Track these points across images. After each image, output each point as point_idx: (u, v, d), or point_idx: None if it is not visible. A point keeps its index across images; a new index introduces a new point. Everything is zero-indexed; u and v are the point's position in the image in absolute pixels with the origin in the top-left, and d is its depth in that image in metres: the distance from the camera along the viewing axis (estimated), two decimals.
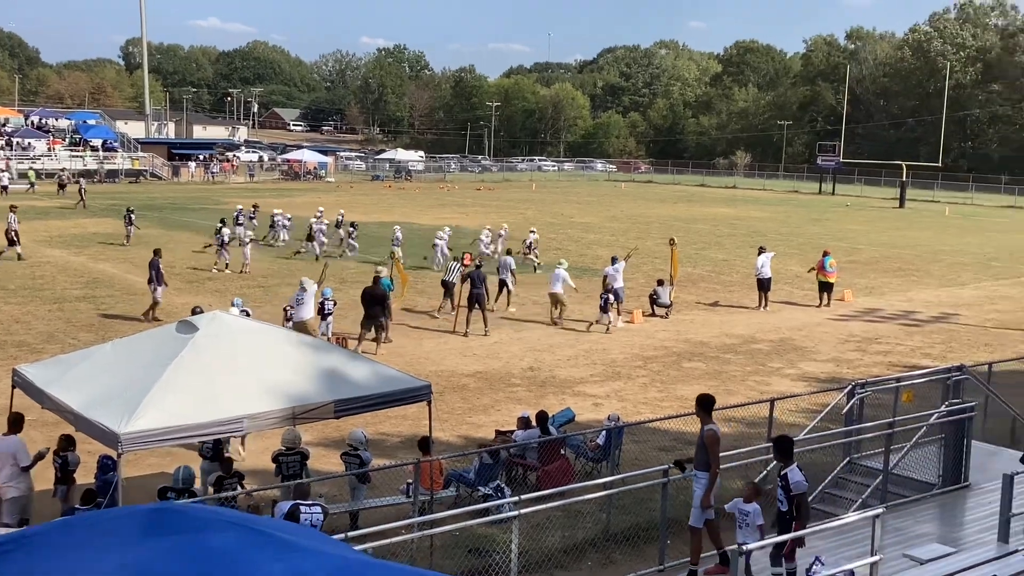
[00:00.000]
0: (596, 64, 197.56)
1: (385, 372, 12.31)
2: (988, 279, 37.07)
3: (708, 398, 10.91)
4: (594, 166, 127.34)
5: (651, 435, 15.69)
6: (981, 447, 13.75)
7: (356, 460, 12.64)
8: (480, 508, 11.15)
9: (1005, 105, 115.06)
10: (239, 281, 30.48)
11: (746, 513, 9.97)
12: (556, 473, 13.51)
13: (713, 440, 10.39)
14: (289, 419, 10.95)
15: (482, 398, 18.65)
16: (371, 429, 14.87)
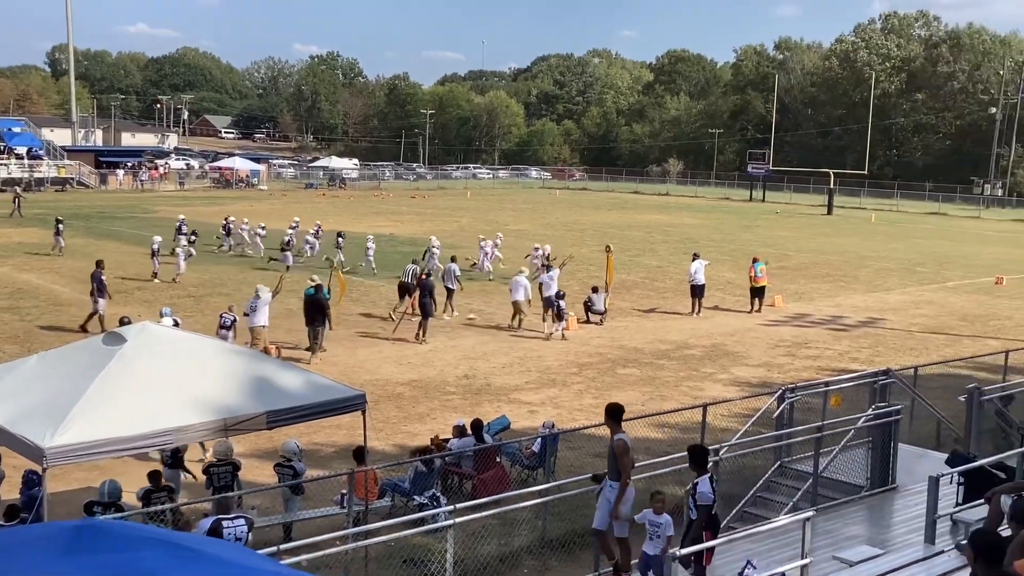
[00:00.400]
0: (530, 72, 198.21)
1: (319, 382, 12.20)
2: (913, 284, 37.87)
3: (616, 407, 10.89)
4: (529, 174, 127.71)
5: (586, 442, 15.76)
6: (907, 449, 14.03)
7: (289, 471, 12.51)
8: (415, 518, 11.10)
9: (929, 114, 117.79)
10: (169, 291, 30.00)
11: (657, 525, 9.97)
12: (492, 481, 13.50)
13: (622, 450, 10.39)
14: (220, 431, 10.79)
15: (417, 407, 18.57)
16: (305, 439, 14.72)
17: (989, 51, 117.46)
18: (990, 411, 15.08)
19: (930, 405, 16.74)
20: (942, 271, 42.26)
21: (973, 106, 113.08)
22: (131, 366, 10.53)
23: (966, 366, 21.59)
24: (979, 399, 14.57)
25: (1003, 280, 38.79)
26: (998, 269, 42.15)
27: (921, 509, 10.59)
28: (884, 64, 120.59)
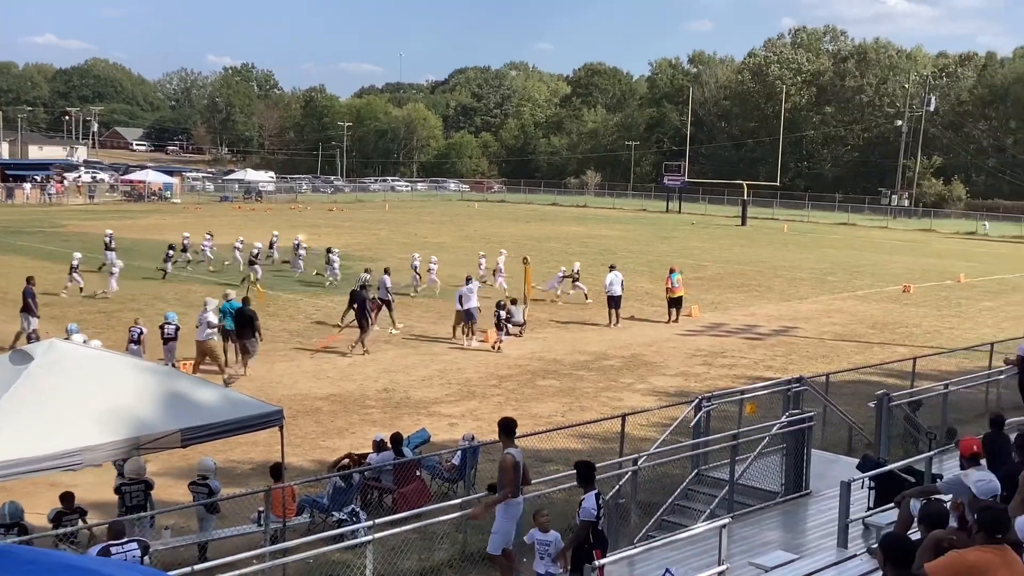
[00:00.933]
0: (448, 85, 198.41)
1: (235, 398, 12.02)
2: (824, 293, 38.73)
3: (508, 422, 10.88)
4: (447, 186, 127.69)
5: None
6: (820, 455, 14.30)
7: (205, 489, 12.28)
8: (334, 534, 10.97)
9: (838, 127, 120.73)
10: (79, 307, 29.26)
11: (546, 543, 9.99)
12: (412, 495, 13.43)
13: (505, 466, 10.39)
14: (133, 449, 10.55)
15: (336, 421, 18.40)
16: (221, 457, 14.49)
17: (895, 65, 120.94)
18: (899, 416, 15.47)
19: (841, 411, 17.11)
20: (852, 280, 43.28)
21: (880, 119, 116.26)
22: (38, 384, 10.24)
23: (876, 372, 22.13)
24: (888, 405, 14.95)
25: (910, 288, 39.88)
26: (905, 278, 43.34)
27: (834, 514, 10.79)
28: (795, 78, 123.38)
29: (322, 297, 32.97)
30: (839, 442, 16.97)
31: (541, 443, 15.11)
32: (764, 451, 13.42)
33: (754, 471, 13.27)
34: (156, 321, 23.23)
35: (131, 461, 11.55)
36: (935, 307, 35.84)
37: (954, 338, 28.99)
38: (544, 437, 15.02)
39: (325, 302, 31.81)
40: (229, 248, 40.44)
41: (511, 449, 10.59)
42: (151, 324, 23.06)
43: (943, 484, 9.00)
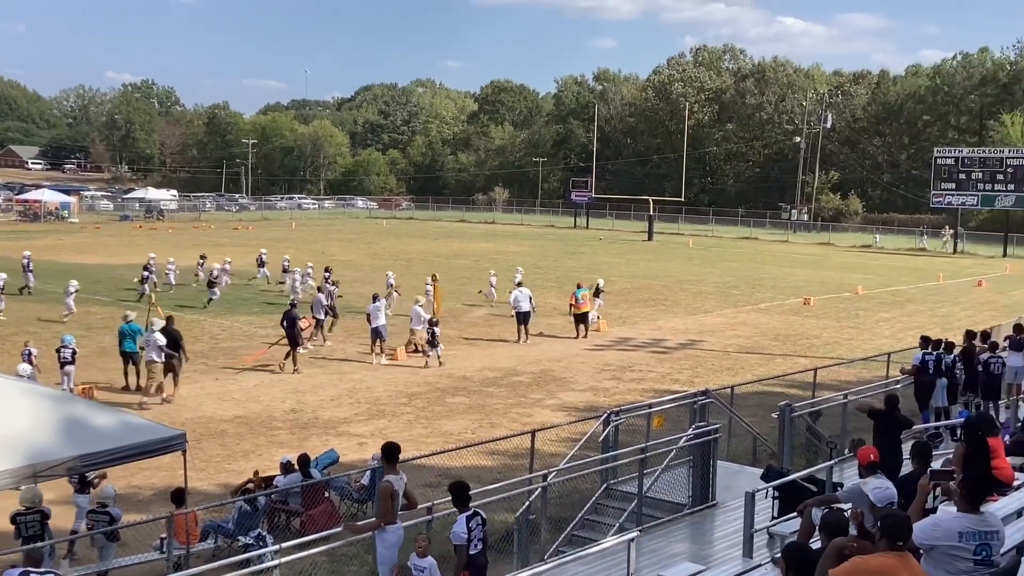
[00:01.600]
0: (354, 102, 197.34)
1: (134, 422, 11.73)
2: (728, 306, 39.43)
3: (390, 447, 10.77)
4: (355, 203, 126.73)
5: (416, 472, 15.60)
6: (726, 466, 14.54)
7: (105, 517, 11.94)
8: (240, 559, 10.76)
9: (739, 143, 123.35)
10: None
11: (421, 569, 9.96)
12: (320, 517, 13.25)
13: (382, 494, 10.30)
14: (28, 478, 10.20)
15: (242, 443, 18.07)
16: (121, 483, 14.10)
17: (793, 83, 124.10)
18: (801, 426, 15.80)
19: (746, 423, 17.41)
20: (755, 293, 44.16)
21: (780, 135, 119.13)
22: None
23: (779, 384, 22.56)
24: (790, 415, 15.26)
25: (811, 300, 40.87)
26: (806, 290, 44.40)
27: (739, 524, 10.96)
28: (697, 95, 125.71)
29: (226, 317, 32.42)
30: (744, 453, 17.26)
31: (451, 461, 15.06)
32: (671, 464, 13.58)
33: (662, 484, 13.42)
34: (53, 344, 22.55)
35: (26, 490, 11.19)
36: (835, 319, 36.76)
37: (853, 349, 29.76)
38: (454, 455, 14.98)
39: (230, 322, 31.30)
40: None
41: (391, 476, 10.43)
42: (47, 347, 22.41)
43: (843, 493, 9.21)
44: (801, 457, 15.81)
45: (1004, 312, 37.45)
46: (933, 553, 6.41)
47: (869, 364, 24.83)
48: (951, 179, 76.85)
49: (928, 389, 18.30)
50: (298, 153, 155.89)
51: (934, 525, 6.50)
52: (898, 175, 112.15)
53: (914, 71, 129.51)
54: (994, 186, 74.88)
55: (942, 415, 18.00)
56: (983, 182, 75.26)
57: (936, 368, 18.33)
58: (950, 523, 6.44)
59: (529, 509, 12.40)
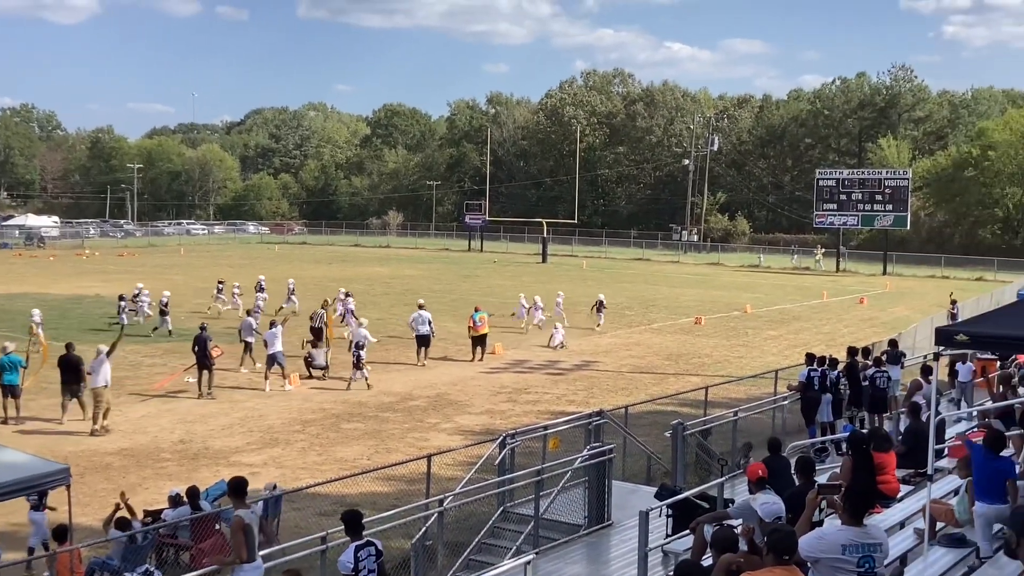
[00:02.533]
0: (244, 125, 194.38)
1: (13, 458, 11.30)
2: (622, 327, 39.93)
3: (236, 482, 10.57)
4: (246, 229, 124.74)
5: (311, 501, 15.45)
6: (621, 486, 14.68)
7: None
8: None
9: (631, 165, 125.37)
10: None
11: None
12: (211, 550, 12.91)
13: (234, 529, 10.10)
14: None
15: (128, 476, 17.54)
16: (1, 521, 13.55)
17: (681, 107, 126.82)
18: (693, 444, 16.07)
19: (640, 442, 17.63)
20: (648, 313, 44.82)
21: (669, 158, 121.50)
22: None
23: (671, 403, 22.94)
24: (682, 433, 15.50)
25: (702, 320, 41.69)
26: (697, 310, 45.27)
27: (634, 543, 11.06)
28: (589, 119, 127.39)
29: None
30: (639, 472, 17.47)
31: (347, 488, 14.89)
32: (567, 485, 13.66)
33: (558, 505, 13.48)
34: None
35: None
36: (724, 337, 37.54)
37: (742, 366, 30.42)
38: (350, 482, 14.82)
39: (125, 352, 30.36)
40: None
41: (241, 511, 10.18)
42: None
43: (733, 509, 9.39)
44: (694, 474, 16.09)
45: (885, 328, 38.78)
46: (818, 566, 6.58)
47: (758, 381, 25.40)
48: (833, 200, 79.37)
49: (814, 404, 18.83)
50: (186, 178, 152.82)
51: (818, 538, 6.67)
52: (783, 196, 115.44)
53: (796, 95, 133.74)
54: (873, 206, 77.61)
55: (827, 430, 18.52)
56: (863, 202, 77.94)
57: (821, 384, 18.87)
58: (834, 536, 6.61)
59: (426, 535, 12.32)
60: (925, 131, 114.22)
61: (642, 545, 10.64)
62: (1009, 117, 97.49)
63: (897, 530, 9.86)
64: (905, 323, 39.41)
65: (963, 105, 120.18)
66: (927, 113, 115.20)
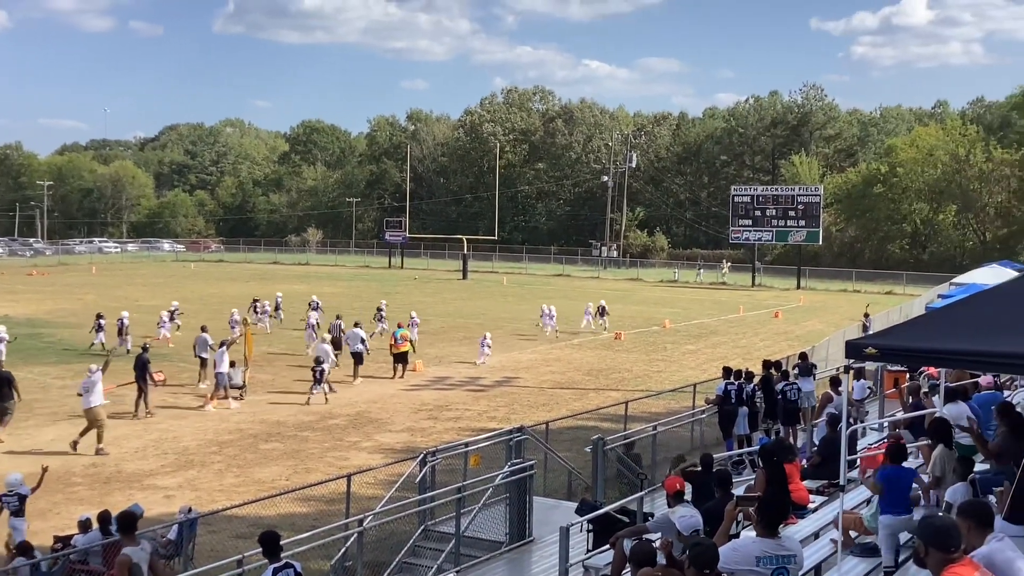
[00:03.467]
0: (158, 142, 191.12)
1: None
2: (543, 343, 40.05)
3: (122, 516, 10.22)
4: (161, 246, 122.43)
5: (228, 523, 15.20)
6: (542, 502, 14.70)
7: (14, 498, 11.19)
8: None
9: (550, 182, 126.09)
10: None
11: None
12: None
13: (120, 567, 9.70)
14: None
15: (37, 502, 16.92)
16: None
17: (600, 124, 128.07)
18: (613, 459, 16.17)
19: (561, 458, 17.68)
20: (566, 328, 44.99)
21: (588, 175, 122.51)
22: None
23: (592, 418, 23.07)
24: (603, 448, 15.59)
25: (621, 335, 42.05)
26: (617, 325, 45.62)
27: (555, 559, 11.08)
28: (508, 136, 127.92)
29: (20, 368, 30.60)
30: (560, 487, 17.52)
31: (264, 509, 14.68)
32: (488, 502, 13.63)
33: (479, 522, 13.44)
34: None
35: None
36: (644, 352, 37.91)
37: (662, 381, 30.74)
38: (268, 503, 14.60)
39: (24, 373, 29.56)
40: None
41: (129, 548, 9.78)
42: None
43: (652, 523, 9.46)
44: (614, 489, 16.17)
45: (799, 342, 39.53)
46: None
47: (677, 395, 25.70)
48: (748, 216, 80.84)
49: (731, 417, 19.09)
50: (98, 195, 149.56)
51: (733, 550, 6.76)
52: (700, 212, 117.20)
53: (711, 113, 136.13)
54: (787, 222, 79.22)
55: (744, 442, 18.79)
56: (777, 218, 79.51)
57: (738, 397, 19.15)
58: (748, 547, 6.70)
59: (345, 556, 12.20)
60: (836, 148, 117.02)
61: (563, 560, 10.67)
62: (916, 135, 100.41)
63: (812, 540, 10.03)
64: (818, 336, 40.23)
65: (872, 123, 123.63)
66: (837, 131, 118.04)
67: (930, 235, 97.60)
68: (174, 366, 31.31)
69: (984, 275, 33.38)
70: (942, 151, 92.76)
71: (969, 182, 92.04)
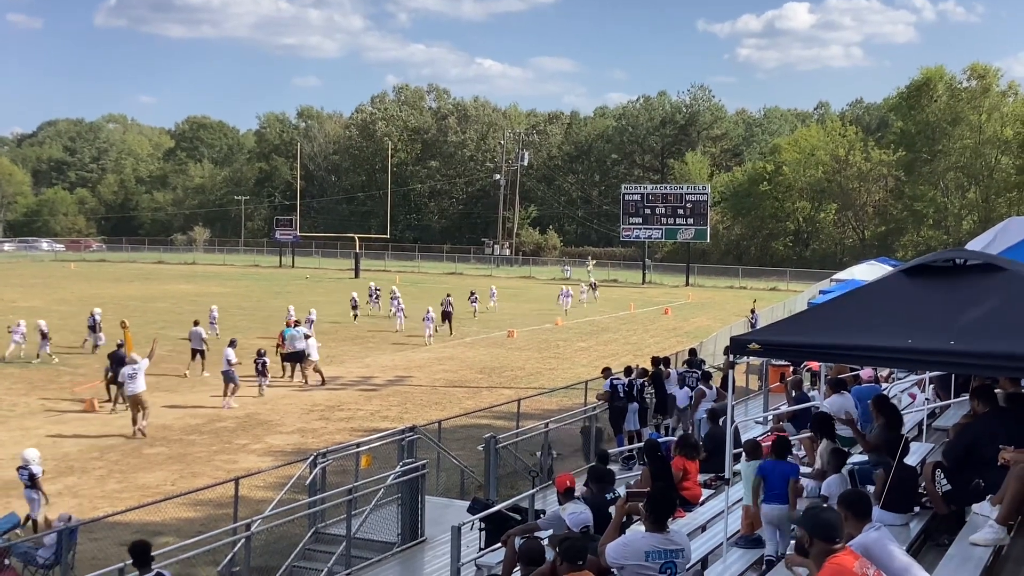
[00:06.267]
0: (36, 138, 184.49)
1: None
2: (436, 341, 39.90)
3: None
4: (39, 246, 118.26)
5: (110, 530, 14.73)
6: (435, 501, 14.66)
7: (26, 472, 10.65)
8: None
9: (443, 180, 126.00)
10: None
11: None
12: None
13: None
14: None
15: None
16: None
17: (493, 122, 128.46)
18: (506, 457, 16.22)
19: (453, 457, 17.65)
20: (459, 327, 44.91)
21: (481, 173, 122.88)
22: None
23: (485, 416, 23.08)
24: (495, 447, 15.62)
25: (514, 333, 42.22)
26: (509, 323, 45.81)
27: (447, 559, 11.06)
28: (401, 134, 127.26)
29: None
30: (453, 487, 17.49)
31: (150, 515, 14.28)
32: (380, 502, 13.54)
33: (371, 523, 13.34)
34: None
35: None
36: (537, 350, 38.13)
37: (554, 378, 30.96)
38: (153, 509, 14.20)
39: None
40: None
41: None
42: None
43: (543, 520, 9.51)
44: (507, 487, 16.22)
45: (688, 338, 40.28)
46: (624, 572, 6.73)
47: (569, 392, 25.87)
48: (638, 214, 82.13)
49: (621, 414, 19.33)
50: None
51: (623, 545, 6.83)
52: (591, 211, 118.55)
53: (602, 112, 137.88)
54: (676, 220, 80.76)
55: (635, 438, 19.04)
56: (666, 216, 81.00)
57: (627, 393, 19.41)
58: (638, 543, 6.78)
59: (233, 560, 11.96)
60: (722, 148, 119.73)
61: (454, 560, 10.65)
62: (799, 135, 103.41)
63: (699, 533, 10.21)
64: (706, 332, 41.07)
65: (757, 124, 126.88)
66: (724, 131, 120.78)
67: (812, 233, 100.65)
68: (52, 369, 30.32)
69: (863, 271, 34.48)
70: (823, 151, 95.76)
71: (848, 181, 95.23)
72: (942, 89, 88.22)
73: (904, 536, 7.61)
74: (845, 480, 8.70)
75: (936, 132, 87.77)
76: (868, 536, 5.80)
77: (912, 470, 8.57)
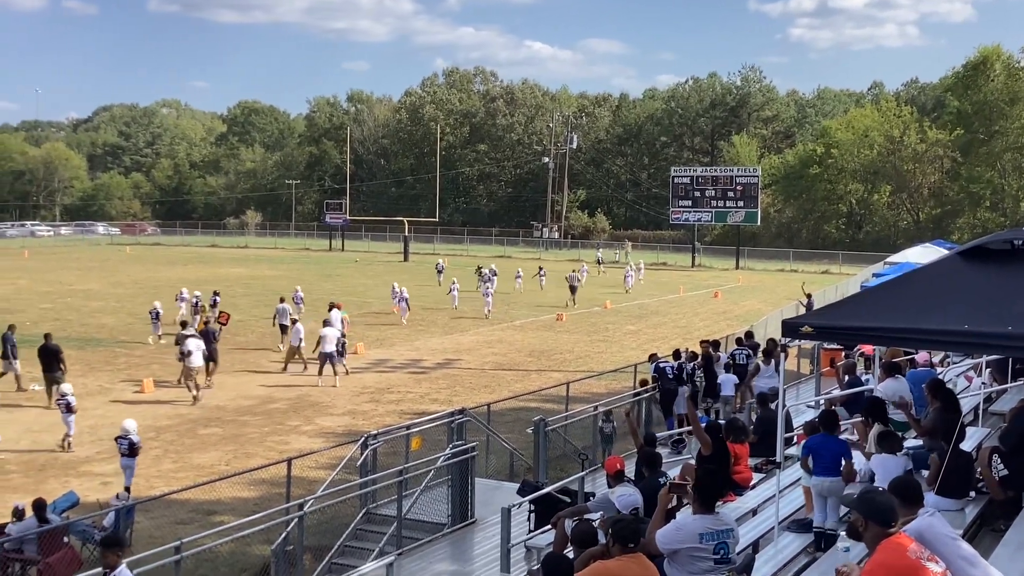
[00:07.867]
0: (92, 123, 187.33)
1: None
2: (484, 325, 40.04)
3: None
4: (95, 229, 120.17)
5: (166, 509, 15.05)
6: (485, 483, 14.73)
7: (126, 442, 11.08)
8: None
9: (492, 163, 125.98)
10: None
11: None
12: (60, 564, 12.42)
13: None
14: None
15: None
16: None
17: (541, 105, 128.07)
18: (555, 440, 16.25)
19: (503, 439, 17.73)
20: (510, 311, 45.04)
21: (529, 156, 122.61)
22: None
23: (534, 399, 23.15)
24: (544, 429, 15.65)
25: (563, 316, 42.20)
26: (558, 307, 45.78)
27: (498, 540, 11.12)
28: (448, 118, 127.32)
29: None
30: (502, 469, 17.57)
31: (204, 494, 14.54)
32: (430, 484, 13.64)
33: (421, 505, 13.45)
34: None
35: None
36: (585, 333, 38.09)
37: (603, 361, 30.91)
38: (207, 488, 14.45)
39: None
40: None
41: None
42: None
43: (592, 503, 9.52)
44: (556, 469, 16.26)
45: (738, 321, 40.02)
46: (677, 557, 6.72)
47: (618, 376, 25.84)
48: (687, 197, 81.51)
49: (671, 397, 19.27)
50: (29, 177, 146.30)
51: (677, 529, 6.82)
52: (640, 193, 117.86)
53: (651, 95, 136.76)
54: (726, 203, 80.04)
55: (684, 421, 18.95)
56: (716, 199, 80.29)
57: (678, 376, 19.34)
58: (691, 525, 6.77)
59: (287, 539, 12.10)
60: (774, 130, 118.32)
61: (504, 541, 10.71)
62: (851, 116, 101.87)
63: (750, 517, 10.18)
64: (756, 315, 40.75)
65: (809, 105, 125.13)
66: (775, 112, 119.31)
67: (865, 215, 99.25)
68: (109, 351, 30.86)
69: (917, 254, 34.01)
70: (877, 132, 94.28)
71: (903, 163, 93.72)
72: (1000, 68, 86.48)
73: (959, 521, 7.53)
74: (903, 463, 8.59)
75: (993, 112, 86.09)
76: (922, 521, 5.74)
77: (968, 455, 8.47)
